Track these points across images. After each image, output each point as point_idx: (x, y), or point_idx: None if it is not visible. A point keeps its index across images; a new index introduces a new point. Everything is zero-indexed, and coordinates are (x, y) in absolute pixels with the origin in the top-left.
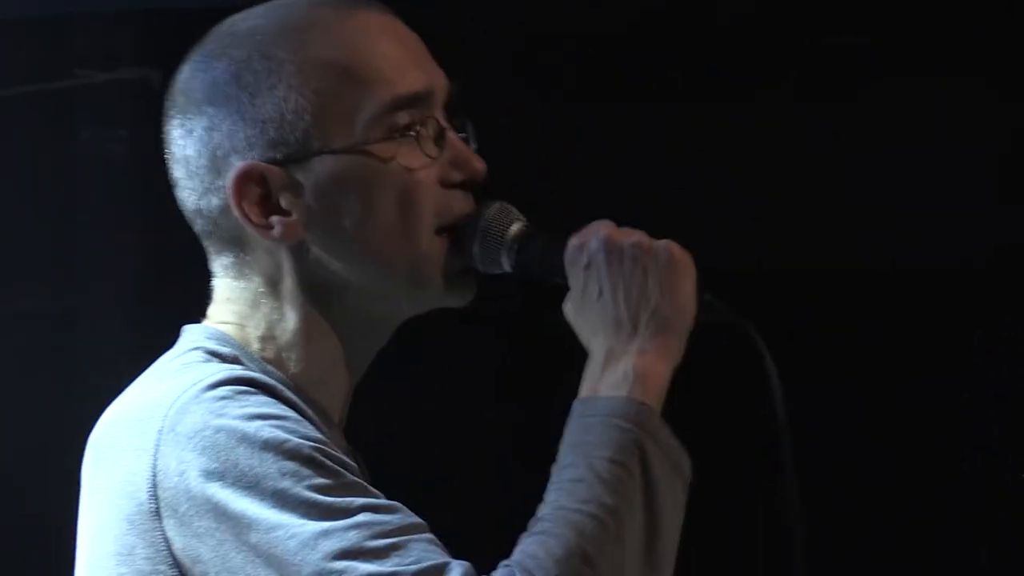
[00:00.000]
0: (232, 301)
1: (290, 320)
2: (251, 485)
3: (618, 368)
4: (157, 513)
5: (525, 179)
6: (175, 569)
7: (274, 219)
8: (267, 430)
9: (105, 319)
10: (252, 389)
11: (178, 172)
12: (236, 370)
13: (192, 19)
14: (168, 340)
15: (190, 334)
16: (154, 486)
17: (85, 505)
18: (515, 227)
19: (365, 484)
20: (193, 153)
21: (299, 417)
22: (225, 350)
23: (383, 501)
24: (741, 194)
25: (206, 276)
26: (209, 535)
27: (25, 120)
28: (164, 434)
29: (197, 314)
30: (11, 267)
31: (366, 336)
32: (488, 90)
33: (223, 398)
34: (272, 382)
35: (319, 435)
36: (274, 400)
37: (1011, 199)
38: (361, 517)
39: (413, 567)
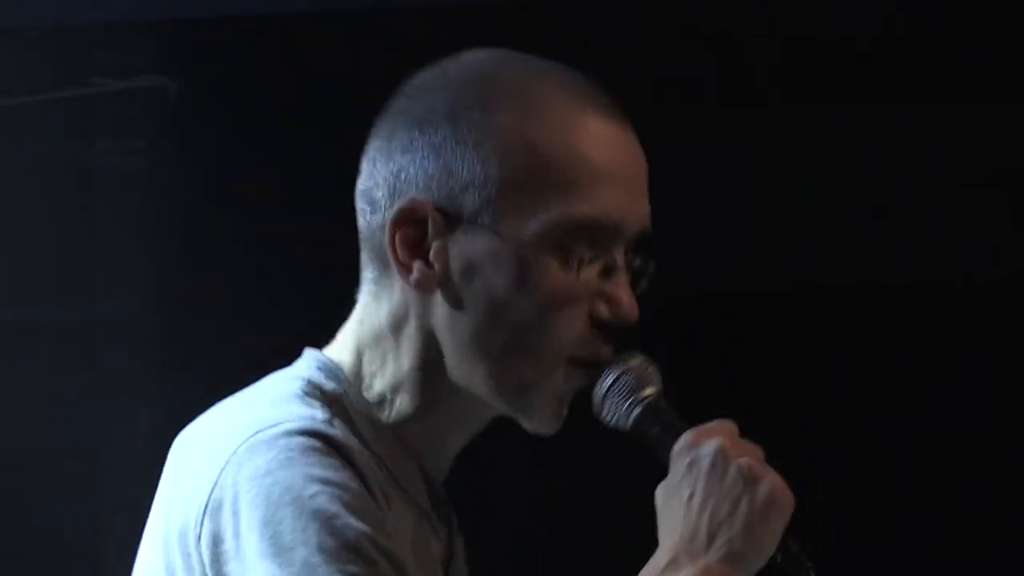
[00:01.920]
0: (363, 324)
1: (404, 362)
2: (285, 549)
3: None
4: (199, 540)
5: None
6: None
7: (417, 264)
8: (321, 498)
9: (121, 328)
10: (325, 447)
11: (365, 165)
12: (318, 422)
13: (209, 29)
14: (185, 350)
15: (306, 359)
16: (203, 514)
17: (154, 510)
18: (647, 390)
19: None
20: (383, 161)
21: (363, 490)
22: (330, 386)
23: None
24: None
25: (225, 285)
26: None
27: (42, 128)
28: (229, 467)
29: (217, 322)
30: (26, 275)
31: (468, 407)
32: None
33: (292, 449)
34: (351, 444)
35: (376, 514)
36: (345, 464)
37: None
38: None
39: None
